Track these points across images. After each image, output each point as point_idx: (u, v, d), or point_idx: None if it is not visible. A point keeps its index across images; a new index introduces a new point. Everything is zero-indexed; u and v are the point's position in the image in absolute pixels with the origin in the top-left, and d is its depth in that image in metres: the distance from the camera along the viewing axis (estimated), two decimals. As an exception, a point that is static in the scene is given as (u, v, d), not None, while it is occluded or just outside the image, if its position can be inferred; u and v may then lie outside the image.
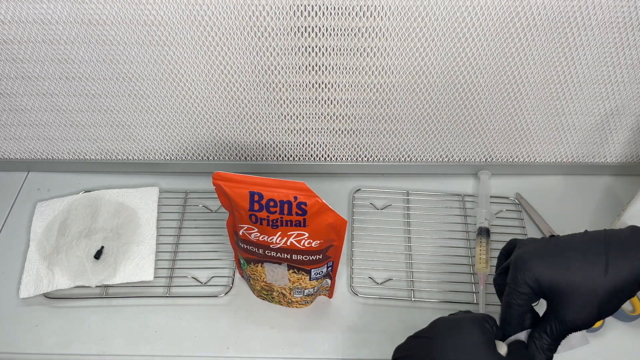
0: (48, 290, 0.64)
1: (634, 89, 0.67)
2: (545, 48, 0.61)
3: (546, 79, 0.65)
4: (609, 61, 0.63)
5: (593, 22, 0.58)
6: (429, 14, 0.57)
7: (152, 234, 0.70)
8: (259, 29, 0.59)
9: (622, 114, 0.70)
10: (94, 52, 0.62)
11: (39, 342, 0.62)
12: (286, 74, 0.65)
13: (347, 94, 0.68)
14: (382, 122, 0.72)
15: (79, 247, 0.68)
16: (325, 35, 0.60)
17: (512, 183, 0.79)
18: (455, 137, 0.74)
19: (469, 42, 0.60)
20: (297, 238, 0.52)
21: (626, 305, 0.65)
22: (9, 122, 0.72)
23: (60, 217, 0.71)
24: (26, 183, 0.79)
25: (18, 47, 0.61)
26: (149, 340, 0.62)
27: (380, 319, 0.64)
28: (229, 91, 0.67)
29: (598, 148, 0.76)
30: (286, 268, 0.57)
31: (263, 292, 0.63)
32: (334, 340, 0.62)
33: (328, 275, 0.61)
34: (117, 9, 0.57)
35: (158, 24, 0.58)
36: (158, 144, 0.76)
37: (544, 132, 0.73)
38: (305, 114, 0.71)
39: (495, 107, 0.69)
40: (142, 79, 0.65)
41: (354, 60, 0.63)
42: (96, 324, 0.63)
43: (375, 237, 0.71)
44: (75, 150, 0.77)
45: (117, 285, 0.66)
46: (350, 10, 0.57)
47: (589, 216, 0.75)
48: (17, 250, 0.70)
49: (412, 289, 0.66)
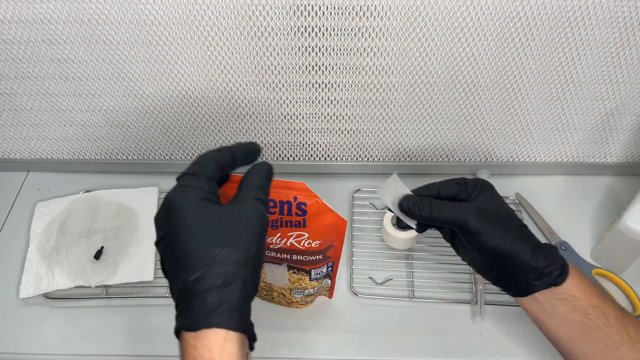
0: (48, 290, 0.64)
1: (634, 89, 0.67)
2: (546, 48, 0.61)
3: (546, 79, 0.65)
4: (609, 61, 0.63)
5: (593, 22, 0.58)
6: (429, 14, 0.57)
7: (152, 234, 0.70)
8: (259, 29, 0.59)
9: (623, 114, 0.70)
10: (94, 52, 0.62)
11: (39, 342, 0.62)
12: (286, 74, 0.65)
13: (347, 94, 0.68)
14: (382, 122, 0.72)
15: (79, 247, 0.68)
16: (325, 35, 0.60)
17: (512, 183, 0.79)
18: (455, 137, 0.74)
19: (469, 42, 0.60)
20: (297, 238, 0.52)
21: (626, 305, 0.65)
22: (9, 122, 0.72)
23: (60, 217, 0.71)
24: (26, 183, 0.79)
25: (18, 47, 0.61)
26: (149, 340, 0.62)
27: (380, 319, 0.64)
28: (229, 91, 0.67)
29: (598, 148, 0.76)
30: (286, 268, 0.57)
31: (263, 293, 0.63)
32: (334, 341, 0.62)
33: (328, 276, 0.61)
34: (117, 9, 0.57)
35: (158, 24, 0.58)
36: (158, 144, 0.76)
37: (544, 132, 0.73)
38: (305, 114, 0.71)
39: (495, 107, 0.69)
40: (142, 79, 0.65)
41: (354, 60, 0.63)
42: (96, 324, 0.63)
43: (375, 237, 0.71)
44: (75, 150, 0.77)
45: (117, 285, 0.66)
46: (350, 10, 0.57)
47: (589, 216, 0.75)
48: (17, 250, 0.70)
49: (412, 288, 0.66)
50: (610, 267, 0.68)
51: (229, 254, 0.38)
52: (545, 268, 0.47)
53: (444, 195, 0.51)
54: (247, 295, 0.39)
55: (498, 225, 0.48)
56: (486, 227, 0.48)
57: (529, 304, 0.50)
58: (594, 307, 0.47)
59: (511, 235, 0.48)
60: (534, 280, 0.47)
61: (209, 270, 0.37)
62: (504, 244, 0.48)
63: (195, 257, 0.37)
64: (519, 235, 0.48)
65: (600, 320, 0.47)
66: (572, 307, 0.48)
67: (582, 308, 0.47)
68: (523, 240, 0.48)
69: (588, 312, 0.47)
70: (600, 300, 0.48)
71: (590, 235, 0.72)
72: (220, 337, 0.36)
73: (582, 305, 0.47)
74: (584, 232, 0.73)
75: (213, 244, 0.38)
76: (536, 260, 0.47)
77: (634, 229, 0.60)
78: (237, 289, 0.37)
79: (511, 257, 0.47)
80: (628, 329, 0.47)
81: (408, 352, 0.61)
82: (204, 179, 0.40)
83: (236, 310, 0.37)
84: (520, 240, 0.48)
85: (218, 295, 0.37)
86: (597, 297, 0.48)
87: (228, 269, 0.37)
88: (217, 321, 0.36)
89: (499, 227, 0.48)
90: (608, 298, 0.49)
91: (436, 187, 0.51)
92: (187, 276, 0.37)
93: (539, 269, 0.47)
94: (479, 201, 0.50)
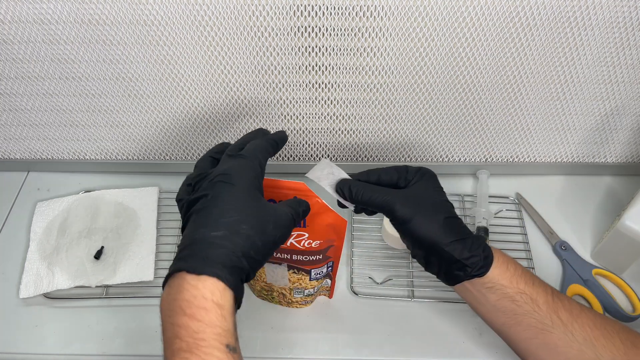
0: (48, 290, 0.64)
1: (634, 89, 0.67)
2: (546, 48, 0.61)
3: (546, 79, 0.65)
4: (609, 61, 0.63)
5: (593, 22, 0.58)
6: (429, 14, 0.57)
7: (152, 234, 0.70)
8: (259, 29, 0.59)
9: (622, 114, 0.70)
10: (94, 52, 0.62)
11: (39, 342, 0.62)
12: (286, 74, 0.65)
13: (347, 94, 0.68)
14: (382, 122, 0.72)
15: (79, 247, 0.68)
16: (325, 35, 0.60)
17: (512, 183, 0.79)
18: (455, 137, 0.74)
19: (469, 42, 0.60)
20: (297, 238, 0.52)
21: (626, 305, 0.65)
22: (9, 122, 0.72)
23: (60, 217, 0.71)
24: (26, 183, 0.79)
25: (18, 47, 0.61)
26: (149, 340, 0.62)
27: (380, 319, 0.64)
28: (229, 91, 0.67)
29: (598, 148, 0.76)
30: (286, 268, 0.57)
31: (263, 292, 0.63)
32: (334, 340, 0.62)
33: (328, 276, 0.61)
34: (117, 9, 0.57)
35: (158, 24, 0.58)
36: (158, 144, 0.76)
37: (544, 132, 0.73)
38: (305, 114, 0.71)
39: (495, 107, 0.69)
40: (142, 79, 0.65)
41: (354, 60, 0.63)
42: (96, 324, 0.63)
43: (375, 237, 0.71)
44: (75, 150, 0.77)
45: (117, 285, 0.66)
46: (350, 10, 0.57)
47: (589, 216, 0.75)
48: (17, 250, 0.70)
49: (412, 288, 0.66)
50: (610, 267, 0.68)
51: (252, 236, 0.42)
52: (468, 259, 0.48)
53: (383, 181, 0.52)
54: (247, 275, 0.42)
55: (424, 214, 0.49)
56: (411, 215, 0.48)
57: (462, 292, 0.52)
58: (522, 294, 0.49)
59: (436, 226, 0.48)
60: (458, 270, 0.49)
61: (231, 237, 0.41)
62: (428, 233, 0.48)
63: (225, 222, 0.41)
64: (445, 226, 0.49)
65: (529, 306, 0.49)
66: (500, 294, 0.49)
67: (510, 295, 0.49)
68: (447, 232, 0.48)
69: (516, 299, 0.49)
70: (527, 286, 0.49)
71: (590, 235, 0.72)
72: (220, 286, 0.39)
73: (510, 293, 0.49)
74: (584, 232, 0.73)
75: (244, 222, 0.42)
76: (460, 251, 0.48)
77: (634, 229, 0.60)
78: (244, 264, 0.41)
79: (435, 247, 0.48)
80: (559, 312, 0.48)
81: (408, 352, 0.61)
82: (257, 164, 0.45)
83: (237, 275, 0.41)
84: (444, 231, 0.48)
85: (229, 257, 0.40)
86: (524, 284, 0.49)
87: (244, 245, 0.41)
88: (220, 274, 0.39)
89: (425, 216, 0.49)
90: (538, 283, 0.50)
91: (376, 173, 0.52)
92: (209, 231, 0.41)
93: (461, 260, 0.48)
94: (412, 189, 0.51)
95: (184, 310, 0.38)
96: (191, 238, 0.41)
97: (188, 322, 0.38)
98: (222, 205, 0.42)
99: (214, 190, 0.43)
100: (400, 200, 0.49)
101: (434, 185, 0.52)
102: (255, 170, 0.45)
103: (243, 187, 0.43)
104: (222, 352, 0.38)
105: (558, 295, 0.50)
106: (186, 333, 0.38)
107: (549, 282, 0.68)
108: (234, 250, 0.40)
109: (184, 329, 0.38)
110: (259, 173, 0.45)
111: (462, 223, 0.51)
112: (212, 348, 0.38)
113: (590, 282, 0.66)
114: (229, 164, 0.45)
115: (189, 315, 0.38)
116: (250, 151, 0.46)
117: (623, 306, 0.64)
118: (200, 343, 0.37)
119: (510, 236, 0.72)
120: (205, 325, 0.38)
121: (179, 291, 0.39)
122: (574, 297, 0.66)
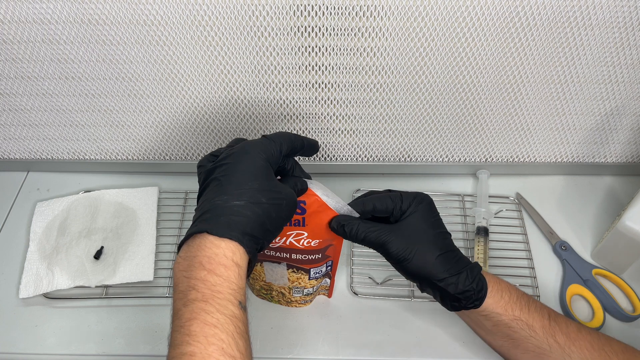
0: (48, 290, 0.64)
1: (634, 89, 0.67)
2: (545, 48, 0.61)
3: (546, 79, 0.65)
4: (609, 61, 0.63)
5: (593, 22, 0.58)
6: (429, 14, 0.57)
7: (152, 234, 0.70)
8: (259, 29, 0.59)
9: (623, 114, 0.70)
10: (94, 52, 0.62)
11: (39, 342, 0.62)
12: (286, 74, 0.65)
13: (347, 94, 0.68)
14: (382, 122, 0.72)
15: (79, 247, 0.68)
16: (325, 35, 0.60)
17: (512, 183, 0.79)
18: (455, 137, 0.74)
19: (469, 42, 0.60)
20: (296, 237, 0.52)
21: (626, 305, 0.65)
22: (9, 122, 0.72)
23: (60, 217, 0.71)
24: (26, 183, 0.79)
25: (18, 47, 0.61)
26: (149, 340, 0.62)
27: (380, 319, 0.64)
28: (229, 91, 0.67)
29: (598, 148, 0.76)
30: (285, 267, 0.57)
31: (262, 292, 0.63)
32: (333, 340, 0.62)
33: (327, 275, 0.61)
34: (117, 8, 0.57)
35: (158, 23, 0.58)
36: (158, 144, 0.76)
37: (544, 132, 0.73)
38: (305, 114, 0.71)
39: (495, 107, 0.69)
40: (142, 79, 0.65)
41: (354, 60, 0.63)
42: (96, 324, 0.63)
43: (375, 237, 0.71)
44: (75, 150, 0.77)
45: (117, 285, 0.66)
46: (350, 10, 0.57)
47: (589, 216, 0.75)
48: (17, 250, 0.70)
49: (412, 288, 0.66)
50: (610, 267, 0.68)
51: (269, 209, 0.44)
52: (462, 294, 0.49)
53: (378, 210, 0.51)
54: (261, 246, 0.44)
55: (418, 253, 0.49)
56: (405, 255, 0.49)
57: (460, 315, 0.55)
58: (517, 320, 0.50)
59: (430, 264, 0.49)
60: (453, 302, 0.50)
61: (252, 207, 0.43)
62: (422, 271, 0.49)
63: (247, 191, 0.43)
64: (438, 263, 0.49)
65: (525, 332, 0.50)
66: (495, 322, 0.51)
67: (505, 322, 0.50)
68: (441, 269, 0.49)
69: (511, 325, 0.50)
70: (523, 312, 0.50)
71: (590, 235, 0.72)
72: (241, 250, 0.42)
73: (505, 320, 0.50)
74: (584, 232, 0.73)
75: (263, 195, 0.44)
76: (454, 287, 0.49)
77: (634, 229, 0.60)
78: (261, 234, 0.43)
79: (430, 282, 0.49)
80: (556, 336, 0.50)
81: (408, 352, 0.61)
82: (278, 149, 0.48)
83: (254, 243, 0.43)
84: (438, 269, 0.49)
85: (250, 225, 0.42)
86: (519, 310, 0.50)
87: (262, 215, 0.43)
88: (242, 240, 0.42)
89: (419, 255, 0.49)
90: (534, 308, 0.51)
91: (371, 202, 0.51)
92: (232, 199, 0.43)
93: (455, 294, 0.49)
94: (406, 224, 0.50)
95: (203, 265, 0.40)
96: (213, 203, 0.43)
97: (207, 275, 0.40)
98: (243, 176, 0.44)
99: (234, 159, 0.45)
100: (394, 239, 0.49)
101: (430, 215, 0.51)
102: (275, 151, 0.47)
103: (262, 162, 0.45)
104: (236, 306, 0.40)
105: (555, 318, 0.51)
106: (204, 285, 0.40)
107: (549, 282, 0.68)
108: (255, 220, 0.43)
109: (201, 281, 0.40)
110: (277, 156, 0.47)
111: (457, 255, 0.51)
112: (227, 301, 0.40)
113: (590, 282, 0.66)
114: (253, 141, 0.47)
115: (208, 270, 0.40)
116: (275, 136, 0.49)
117: (623, 306, 0.64)
118: (217, 295, 0.39)
119: (510, 236, 0.72)
120: (224, 280, 0.40)
121: (200, 249, 0.41)
122: (574, 297, 0.66)
